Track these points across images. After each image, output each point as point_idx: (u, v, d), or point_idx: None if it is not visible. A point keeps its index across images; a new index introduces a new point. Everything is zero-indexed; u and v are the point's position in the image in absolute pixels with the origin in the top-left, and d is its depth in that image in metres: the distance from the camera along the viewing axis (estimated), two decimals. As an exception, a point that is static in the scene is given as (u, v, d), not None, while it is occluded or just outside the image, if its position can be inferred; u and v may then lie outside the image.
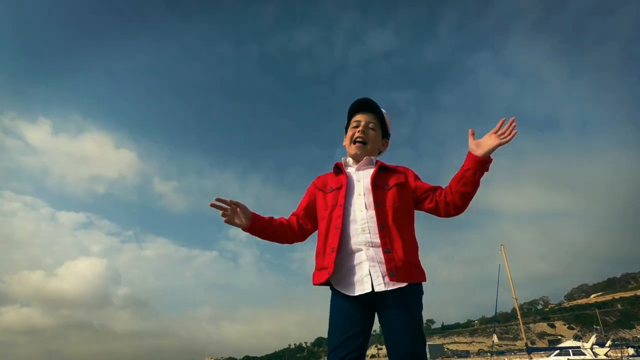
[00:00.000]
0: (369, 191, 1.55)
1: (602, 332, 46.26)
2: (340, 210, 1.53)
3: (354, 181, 1.63)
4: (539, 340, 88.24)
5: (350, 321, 1.39)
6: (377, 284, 1.38)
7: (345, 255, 1.47)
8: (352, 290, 1.41)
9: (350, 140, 1.72)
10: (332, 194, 1.63)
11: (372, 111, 1.73)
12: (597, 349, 21.49)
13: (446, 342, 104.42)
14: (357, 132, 1.69)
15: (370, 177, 1.59)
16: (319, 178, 1.77)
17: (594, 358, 20.20)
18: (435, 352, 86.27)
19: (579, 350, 21.35)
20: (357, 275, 1.43)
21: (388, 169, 1.66)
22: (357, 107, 1.74)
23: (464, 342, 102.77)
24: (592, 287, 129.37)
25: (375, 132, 1.72)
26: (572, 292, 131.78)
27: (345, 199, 1.56)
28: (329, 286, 1.51)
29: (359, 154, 1.68)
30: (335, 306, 1.45)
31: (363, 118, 1.71)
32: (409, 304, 1.38)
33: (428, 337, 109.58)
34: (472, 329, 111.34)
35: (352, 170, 1.69)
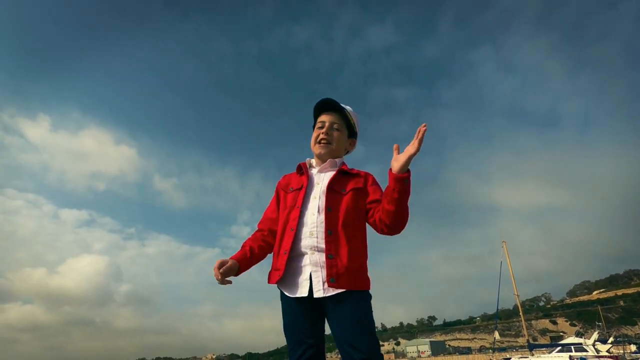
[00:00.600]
0: (324, 194, 1.55)
1: (604, 329, 46.16)
2: (297, 212, 1.54)
3: (314, 183, 1.63)
4: (540, 336, 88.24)
5: (298, 323, 1.43)
6: (317, 290, 1.39)
7: (294, 257, 1.49)
8: (294, 292, 1.43)
9: (314, 141, 1.71)
10: (292, 194, 1.63)
11: (336, 111, 1.71)
12: (599, 345, 21.37)
13: (448, 338, 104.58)
14: (322, 133, 1.68)
15: (328, 181, 1.59)
16: (284, 177, 1.77)
17: (596, 355, 20.09)
18: (436, 349, 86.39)
19: (581, 347, 21.23)
20: (300, 278, 1.44)
21: (349, 173, 1.63)
22: (321, 107, 1.72)
23: (465, 339, 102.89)
24: (595, 283, 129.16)
25: (340, 133, 1.70)
26: (574, 289, 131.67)
27: (303, 201, 1.57)
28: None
29: (323, 154, 1.68)
30: (284, 307, 1.48)
31: (327, 118, 1.70)
32: (351, 309, 1.36)
33: (429, 333, 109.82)
34: (473, 325, 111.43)
35: (314, 171, 1.69)
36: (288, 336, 1.45)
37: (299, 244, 1.49)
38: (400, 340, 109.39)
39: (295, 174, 1.74)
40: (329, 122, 1.69)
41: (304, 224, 1.52)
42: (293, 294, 1.43)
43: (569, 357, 20.32)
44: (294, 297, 1.42)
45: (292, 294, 1.43)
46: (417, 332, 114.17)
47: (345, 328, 1.34)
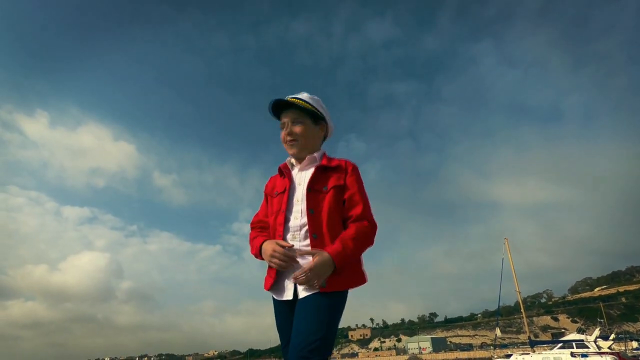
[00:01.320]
0: (304, 196, 1.53)
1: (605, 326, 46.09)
2: (282, 217, 1.54)
3: (296, 184, 1.62)
4: (542, 333, 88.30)
5: (287, 324, 1.46)
6: (301, 290, 1.42)
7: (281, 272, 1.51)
8: (280, 295, 1.49)
9: (283, 142, 1.69)
10: (277, 198, 1.63)
11: (291, 107, 1.64)
12: (600, 342, 21.33)
13: (449, 335, 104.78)
14: (285, 135, 1.66)
15: (308, 180, 1.57)
16: (270, 180, 1.77)
17: (597, 351, 20.06)
18: (438, 345, 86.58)
19: (583, 344, 21.21)
20: (285, 281, 1.48)
21: (329, 168, 1.59)
22: (274, 110, 1.67)
23: (466, 335, 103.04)
24: (597, 280, 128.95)
25: (304, 125, 1.64)
26: (576, 286, 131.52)
27: (287, 205, 1.56)
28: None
29: (295, 153, 1.66)
30: (275, 309, 1.54)
31: (286, 118, 1.66)
32: (318, 305, 1.37)
33: (431, 329, 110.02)
34: (475, 322, 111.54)
35: (295, 171, 1.68)
36: (280, 336, 1.51)
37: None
38: (401, 337, 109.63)
39: (278, 175, 1.73)
40: (288, 120, 1.65)
41: (290, 229, 1.52)
42: (279, 296, 1.49)
43: (571, 354, 20.30)
44: (281, 300, 1.48)
45: (279, 297, 1.49)
46: (419, 328, 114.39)
47: (302, 319, 1.36)
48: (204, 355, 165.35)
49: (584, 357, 19.53)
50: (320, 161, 1.63)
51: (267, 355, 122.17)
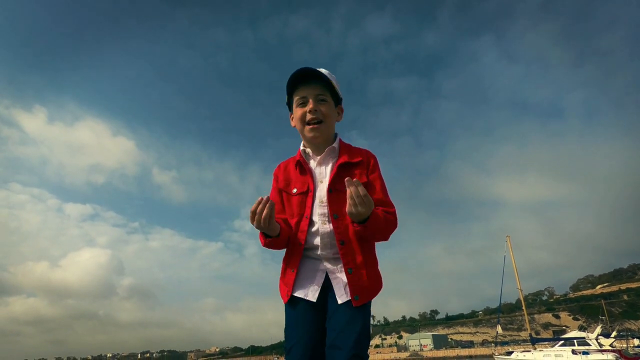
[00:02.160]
0: (326, 198, 1.39)
1: (607, 323, 46.04)
2: (306, 224, 1.39)
3: (318, 182, 1.44)
4: (543, 330, 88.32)
5: (302, 323, 1.37)
6: (339, 296, 1.33)
7: (304, 272, 1.41)
8: (304, 293, 1.38)
9: (301, 122, 1.44)
10: (297, 198, 1.44)
11: (317, 80, 1.41)
12: (602, 339, 21.30)
13: (450, 332, 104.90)
14: (309, 112, 1.41)
15: (329, 180, 1.40)
16: (280, 169, 1.55)
17: (598, 348, 20.03)
18: (439, 343, 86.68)
19: (584, 341, 21.19)
20: (310, 283, 1.38)
21: (350, 164, 1.43)
22: (298, 79, 1.42)
23: (468, 333, 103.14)
24: (598, 278, 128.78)
25: (328, 105, 1.44)
26: (577, 283, 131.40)
27: (312, 209, 1.41)
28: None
29: (317, 137, 1.44)
30: (292, 308, 1.41)
31: (309, 92, 1.42)
32: (361, 313, 1.33)
33: (432, 327, 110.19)
34: (476, 319, 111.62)
35: (313, 164, 1.48)
36: (292, 335, 1.37)
37: (309, 257, 1.42)
38: (402, 334, 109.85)
39: (292, 165, 1.51)
40: (313, 95, 1.42)
41: (313, 235, 1.39)
42: (304, 295, 1.37)
43: (572, 351, 20.28)
44: (305, 298, 1.37)
45: (303, 296, 1.38)
46: (420, 325, 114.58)
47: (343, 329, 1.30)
48: (206, 351, 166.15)
49: (585, 355, 19.51)
50: (339, 153, 1.46)
51: (268, 351, 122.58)
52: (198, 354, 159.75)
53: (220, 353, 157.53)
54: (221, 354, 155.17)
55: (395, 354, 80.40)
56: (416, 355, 74.08)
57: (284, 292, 1.41)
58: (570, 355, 20.20)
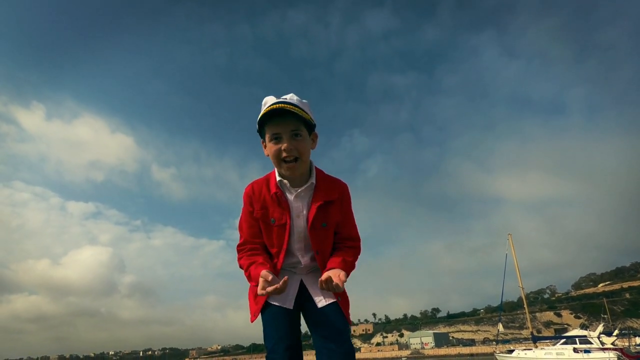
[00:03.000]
0: (307, 235, 1.49)
1: (609, 322, 45.86)
2: (282, 256, 1.49)
3: (294, 216, 1.49)
4: (545, 329, 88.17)
5: (282, 329, 1.50)
6: (318, 300, 1.50)
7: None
8: (281, 301, 1.51)
9: (276, 159, 1.42)
10: (276, 230, 1.49)
11: (290, 114, 1.36)
12: (604, 337, 21.17)
13: (451, 330, 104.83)
14: (284, 151, 1.39)
15: (309, 219, 1.47)
16: (254, 196, 1.51)
17: (600, 347, 19.90)
18: (440, 341, 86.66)
19: (586, 339, 21.05)
20: (288, 291, 1.50)
21: (328, 202, 1.48)
22: (271, 116, 1.38)
23: (469, 331, 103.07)
24: (601, 276, 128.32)
25: (303, 139, 1.41)
26: (579, 281, 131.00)
27: (288, 242, 1.50)
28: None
29: (294, 173, 1.45)
30: (269, 315, 1.52)
31: (283, 128, 1.38)
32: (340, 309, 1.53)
33: (433, 325, 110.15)
34: (477, 317, 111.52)
35: (290, 197, 1.49)
36: (271, 339, 1.47)
37: (284, 270, 1.56)
38: (403, 332, 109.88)
39: (266, 190, 1.50)
40: (287, 131, 1.39)
41: (291, 264, 1.55)
42: (281, 303, 1.49)
43: (573, 349, 20.16)
44: (282, 306, 1.49)
45: (281, 304, 1.49)
46: (421, 323, 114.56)
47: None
48: (208, 349, 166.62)
49: (587, 353, 19.39)
50: (316, 188, 1.49)
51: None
52: (200, 352, 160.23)
53: (221, 351, 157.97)
54: (223, 351, 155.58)
55: (396, 352, 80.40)
56: (417, 353, 74.07)
57: (253, 309, 1.51)
58: (572, 354, 20.09)
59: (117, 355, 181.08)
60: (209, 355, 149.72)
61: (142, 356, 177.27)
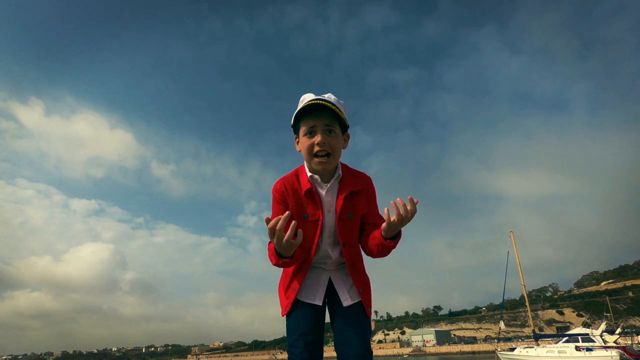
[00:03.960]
0: (335, 228, 1.53)
1: (612, 320, 45.70)
2: (313, 250, 1.53)
3: (326, 212, 1.52)
4: (547, 327, 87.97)
5: (310, 326, 1.53)
6: (344, 298, 1.55)
7: (309, 278, 1.59)
8: (310, 298, 1.56)
9: (309, 153, 1.46)
10: (310, 225, 1.51)
11: (326, 110, 1.41)
12: (606, 336, 21.04)
13: (453, 328, 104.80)
14: (317, 145, 1.43)
15: (337, 211, 1.50)
16: (287, 192, 1.52)
17: (603, 345, 19.78)
18: (442, 338, 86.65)
19: (588, 337, 20.93)
20: (316, 288, 1.57)
21: (354, 192, 1.52)
22: (309, 109, 1.43)
23: (471, 329, 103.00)
24: (603, 274, 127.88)
25: (337, 136, 1.46)
26: (582, 280, 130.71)
27: (320, 237, 1.53)
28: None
29: (325, 169, 1.48)
30: (297, 312, 1.56)
31: (318, 122, 1.43)
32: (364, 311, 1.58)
33: (435, 322, 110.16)
34: (479, 315, 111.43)
35: (322, 192, 1.52)
36: (298, 337, 1.48)
37: (314, 267, 1.60)
38: (405, 330, 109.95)
39: (297, 184, 1.53)
40: (321, 126, 1.43)
41: (321, 258, 1.58)
42: (310, 300, 1.55)
43: (575, 348, 20.04)
44: (311, 303, 1.54)
45: (310, 300, 1.55)
46: (423, 321, 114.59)
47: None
48: (209, 346, 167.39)
49: (589, 351, 19.28)
50: (343, 181, 1.53)
51: (272, 346, 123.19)
52: (202, 349, 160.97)
53: (223, 347, 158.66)
54: (225, 348, 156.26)
55: (397, 349, 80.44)
56: (419, 350, 74.09)
57: (284, 304, 1.57)
58: (574, 352, 19.98)
59: (120, 352, 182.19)
60: (211, 352, 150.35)
61: (144, 352, 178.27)
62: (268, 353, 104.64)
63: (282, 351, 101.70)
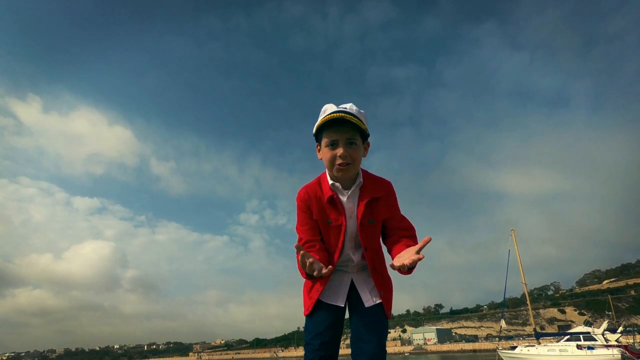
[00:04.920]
0: (357, 233, 1.59)
1: (613, 318, 45.58)
2: (337, 255, 1.59)
3: (348, 217, 1.59)
4: (548, 325, 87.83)
5: (328, 327, 1.58)
6: (366, 299, 1.60)
7: (332, 280, 1.65)
8: (332, 299, 1.62)
9: (330, 163, 1.51)
10: (334, 231, 1.59)
11: (348, 123, 1.46)
12: (608, 334, 20.96)
13: (454, 326, 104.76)
14: (339, 157, 1.48)
15: (358, 217, 1.56)
16: (311, 200, 1.60)
17: (604, 344, 19.70)
18: (443, 337, 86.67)
19: (590, 336, 20.86)
20: (337, 288, 1.64)
21: (374, 199, 1.57)
22: (330, 124, 1.48)
23: (472, 327, 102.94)
24: (605, 273, 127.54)
25: (358, 147, 1.50)
26: (584, 278, 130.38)
27: (343, 242, 1.59)
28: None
29: (345, 177, 1.54)
30: (319, 313, 1.60)
31: (340, 136, 1.47)
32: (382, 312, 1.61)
33: (436, 321, 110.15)
34: (480, 314, 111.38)
35: (343, 199, 1.58)
36: (315, 337, 1.54)
37: (337, 270, 1.66)
38: (406, 328, 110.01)
39: (320, 192, 1.60)
40: (343, 139, 1.47)
41: (344, 262, 1.64)
42: (332, 301, 1.61)
43: (577, 346, 19.97)
44: (332, 304, 1.60)
45: (331, 302, 1.61)
46: (424, 319, 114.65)
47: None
48: (211, 344, 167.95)
49: (590, 350, 19.20)
50: (364, 188, 1.58)
51: (273, 344, 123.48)
52: (203, 346, 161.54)
53: (225, 345, 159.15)
54: (226, 346, 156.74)
55: (399, 347, 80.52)
56: (420, 349, 74.12)
57: (306, 304, 1.62)
58: (575, 350, 19.91)
59: (122, 349, 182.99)
60: (212, 350, 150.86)
61: (146, 350, 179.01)
62: (269, 351, 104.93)
63: (284, 349, 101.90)
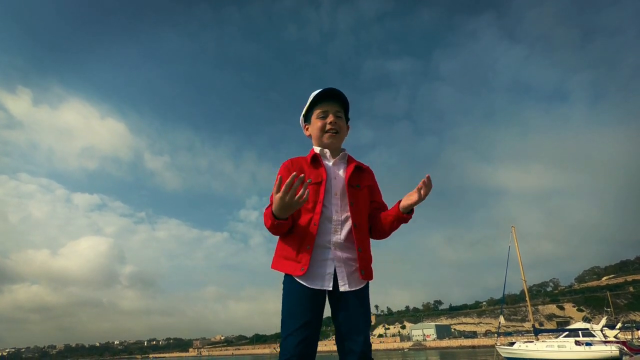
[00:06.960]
0: (344, 191, 1.62)
1: (612, 315, 45.72)
2: (319, 207, 1.57)
3: (332, 177, 1.66)
4: (547, 322, 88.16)
5: (310, 312, 1.47)
6: (342, 285, 1.51)
7: (317, 251, 1.53)
8: (316, 284, 1.49)
9: (321, 131, 1.70)
10: (313, 188, 1.61)
11: (338, 100, 1.71)
12: (606, 331, 20.98)
13: (453, 322, 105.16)
14: (329, 124, 1.69)
15: (346, 177, 1.65)
16: (292, 162, 1.70)
17: (603, 340, 19.72)
18: (442, 333, 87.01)
19: (588, 332, 20.87)
20: (323, 271, 1.52)
21: (361, 168, 1.73)
22: (324, 96, 1.70)
23: (471, 323, 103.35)
24: (604, 269, 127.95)
25: (343, 121, 1.74)
26: (583, 275, 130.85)
27: (325, 196, 1.60)
28: (289, 275, 1.55)
29: (333, 143, 1.71)
30: (298, 296, 1.49)
31: (330, 107, 1.70)
32: (367, 301, 1.58)
33: (435, 317, 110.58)
34: (479, 310, 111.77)
35: (328, 164, 1.70)
36: (295, 323, 1.44)
37: (322, 239, 1.54)
38: (405, 324, 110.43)
39: (303, 159, 1.70)
40: (333, 111, 1.70)
41: (327, 220, 1.57)
42: (315, 286, 1.49)
43: (575, 342, 19.99)
44: (315, 288, 1.49)
45: (313, 286, 1.49)
46: (423, 316, 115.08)
47: (359, 319, 1.50)
48: (211, 339, 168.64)
49: (589, 346, 19.22)
50: (349, 161, 1.73)
51: (273, 340, 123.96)
52: (203, 342, 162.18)
53: (225, 341, 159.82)
54: (226, 342, 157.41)
55: (398, 343, 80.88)
56: (419, 345, 74.43)
57: (297, 267, 1.50)
58: (574, 346, 19.91)
59: (122, 345, 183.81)
60: (212, 346, 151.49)
61: (146, 346, 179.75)
62: (269, 347, 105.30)
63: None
